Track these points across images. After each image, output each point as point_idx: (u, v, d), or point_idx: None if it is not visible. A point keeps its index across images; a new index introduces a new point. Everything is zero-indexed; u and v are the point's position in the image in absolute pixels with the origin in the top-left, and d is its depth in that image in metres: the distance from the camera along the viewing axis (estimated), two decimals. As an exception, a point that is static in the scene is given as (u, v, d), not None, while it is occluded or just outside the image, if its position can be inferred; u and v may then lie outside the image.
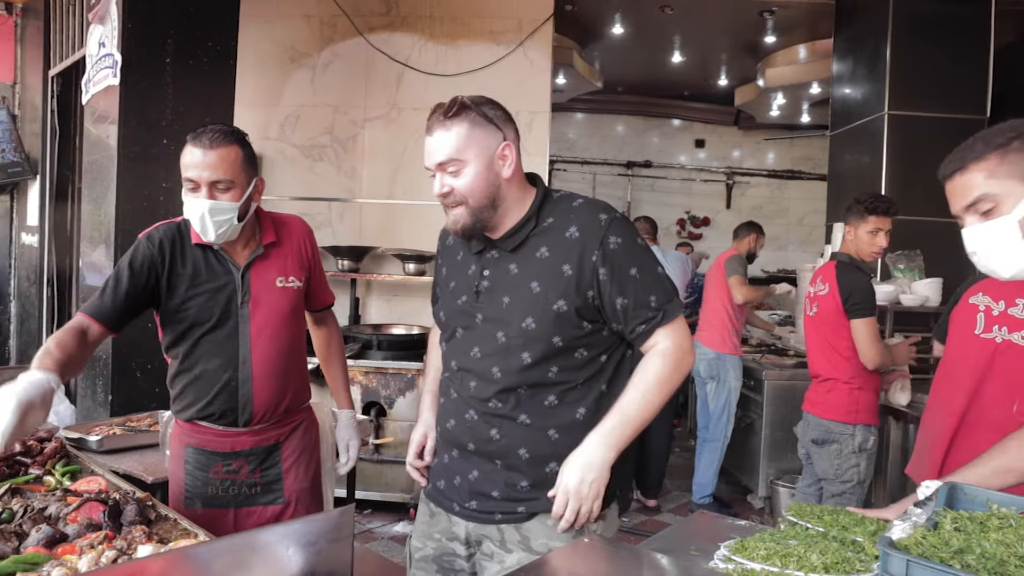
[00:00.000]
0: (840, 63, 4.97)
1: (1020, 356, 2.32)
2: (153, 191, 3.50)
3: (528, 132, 5.01)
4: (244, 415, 1.88)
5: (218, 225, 1.76)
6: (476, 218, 1.47)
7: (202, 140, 1.76)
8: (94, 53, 3.75)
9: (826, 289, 2.99)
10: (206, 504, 1.89)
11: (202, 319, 1.84)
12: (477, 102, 1.47)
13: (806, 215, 8.82)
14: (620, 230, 1.46)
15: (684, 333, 1.51)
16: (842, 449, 2.90)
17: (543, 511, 1.49)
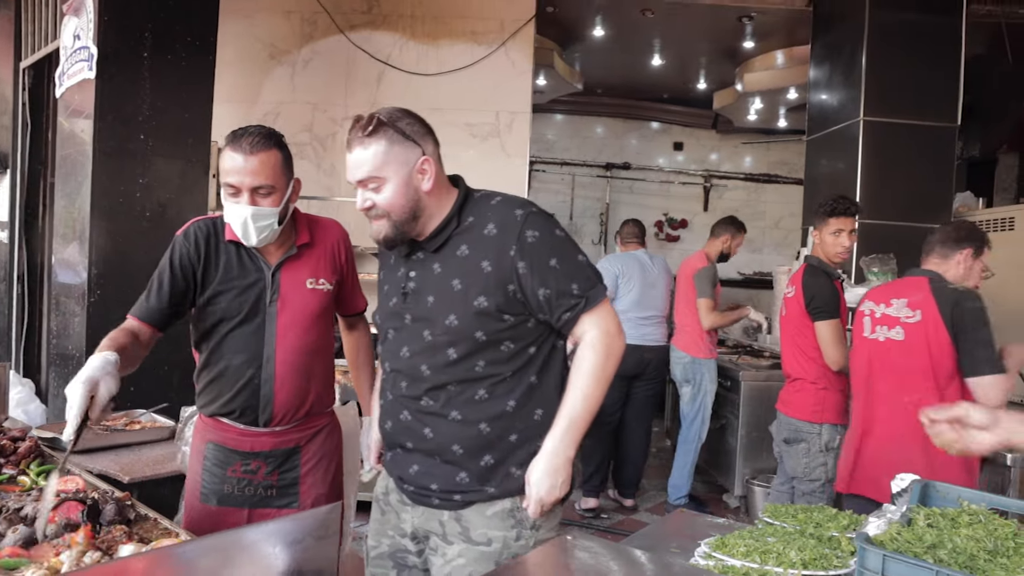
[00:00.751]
0: (817, 69, 5.05)
1: (896, 349, 2.47)
2: (129, 187, 3.45)
3: (508, 133, 5.02)
4: (265, 414, 1.87)
5: (260, 230, 1.79)
6: (398, 230, 1.53)
7: (242, 145, 1.75)
8: (68, 45, 3.68)
9: (793, 292, 3.07)
10: (221, 502, 1.89)
11: (230, 315, 1.86)
12: (394, 118, 1.50)
13: (782, 218, 8.93)
14: (536, 224, 1.51)
15: (610, 318, 1.56)
16: (810, 448, 2.96)
17: (480, 500, 1.55)
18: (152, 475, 2.23)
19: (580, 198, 9.07)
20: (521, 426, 1.55)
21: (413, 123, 1.52)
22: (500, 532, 1.55)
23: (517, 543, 1.56)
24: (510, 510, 1.56)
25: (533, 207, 1.55)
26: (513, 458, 1.56)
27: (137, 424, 2.69)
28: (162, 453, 2.45)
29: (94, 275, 3.38)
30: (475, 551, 1.55)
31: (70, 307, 3.59)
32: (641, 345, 4.38)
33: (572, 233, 8.70)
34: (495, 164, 4.98)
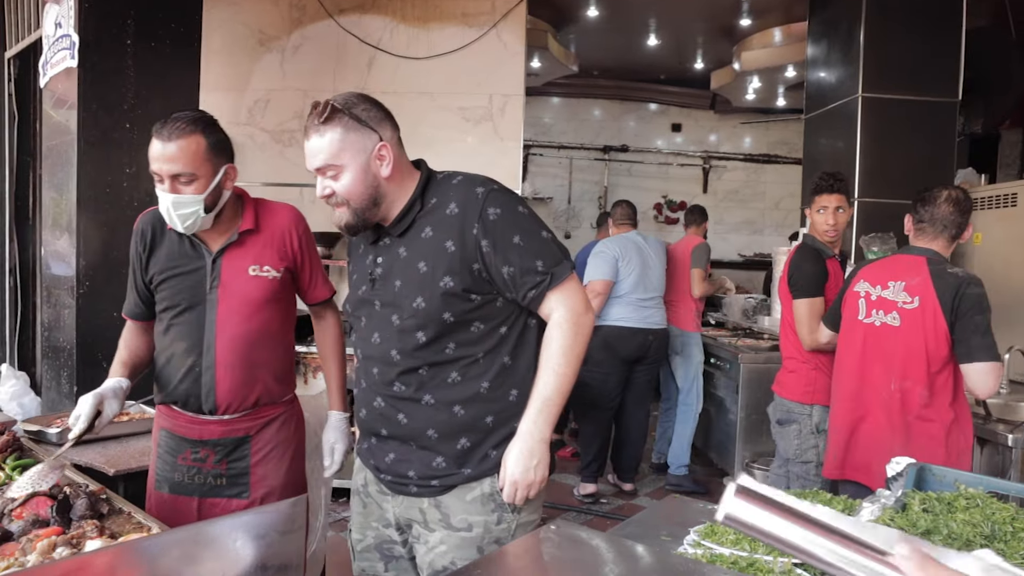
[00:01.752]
0: (814, 46, 4.96)
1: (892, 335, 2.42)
2: (116, 177, 3.41)
3: (501, 116, 4.95)
4: (208, 402, 1.86)
5: (183, 218, 1.77)
6: (359, 217, 1.52)
7: (162, 132, 1.74)
8: (50, 34, 3.62)
9: (783, 271, 3.02)
10: (172, 490, 1.90)
11: (173, 303, 1.87)
12: (349, 104, 1.48)
13: (782, 199, 8.85)
14: (498, 200, 1.50)
15: (576, 295, 1.53)
16: (801, 429, 2.92)
17: (458, 483, 1.53)
18: (137, 467, 2.19)
19: (578, 182, 9.00)
20: (496, 408, 1.53)
21: (370, 108, 1.51)
22: (480, 517, 1.53)
23: (498, 527, 1.54)
24: (489, 494, 1.54)
25: (494, 184, 1.54)
26: (489, 440, 1.54)
27: (125, 416, 2.65)
28: (148, 445, 2.40)
29: (83, 266, 3.34)
30: (456, 537, 1.53)
31: (61, 299, 3.56)
32: (643, 328, 4.36)
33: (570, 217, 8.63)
34: (488, 148, 4.91)
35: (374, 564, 1.66)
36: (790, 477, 3.04)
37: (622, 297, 4.34)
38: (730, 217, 9.00)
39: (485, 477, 1.54)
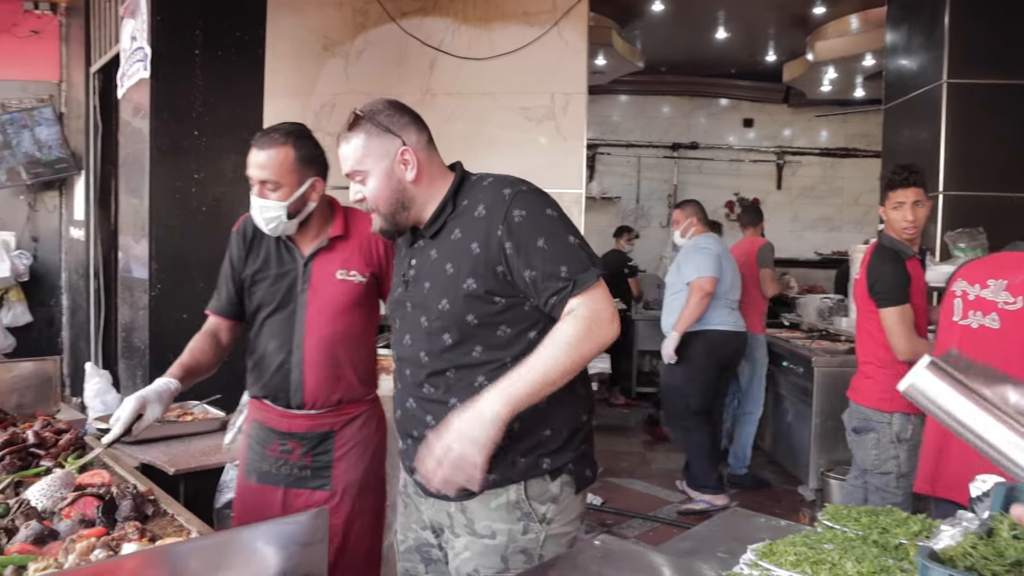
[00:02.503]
0: (894, 32, 4.69)
1: (991, 338, 2.20)
2: (184, 183, 3.51)
3: (564, 115, 4.88)
4: (296, 398, 1.95)
5: (267, 221, 1.90)
6: (390, 221, 1.54)
7: (259, 141, 1.89)
8: (127, 47, 3.77)
9: (859, 273, 2.83)
10: (260, 479, 2.00)
11: (266, 302, 1.98)
12: (373, 111, 1.51)
13: (861, 194, 8.44)
14: (524, 203, 1.45)
15: (602, 301, 1.43)
16: (880, 438, 2.72)
17: (485, 489, 1.48)
18: (197, 466, 2.24)
19: (646, 180, 8.83)
20: (524, 414, 1.45)
21: (393, 114, 1.52)
22: (505, 524, 1.48)
23: (524, 537, 1.49)
24: (515, 502, 1.49)
25: (523, 186, 1.49)
26: (516, 447, 1.48)
27: (189, 415, 2.73)
28: (210, 444, 2.47)
29: (154, 269, 3.46)
30: (480, 544, 1.50)
31: (136, 301, 3.70)
32: (740, 331, 4.23)
33: (639, 216, 8.44)
34: (551, 147, 4.85)
35: (416, 565, 1.66)
36: (868, 489, 2.85)
37: (720, 299, 4.13)
38: (805, 214, 8.66)
39: (511, 484, 1.49)
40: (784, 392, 4.64)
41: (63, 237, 5.37)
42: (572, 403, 1.54)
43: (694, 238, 4.30)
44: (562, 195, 4.74)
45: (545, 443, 1.49)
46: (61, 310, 5.41)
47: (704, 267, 4.09)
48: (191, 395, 2.95)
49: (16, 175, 5.06)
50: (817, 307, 5.17)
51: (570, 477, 1.53)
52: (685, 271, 4.17)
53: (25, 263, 5.21)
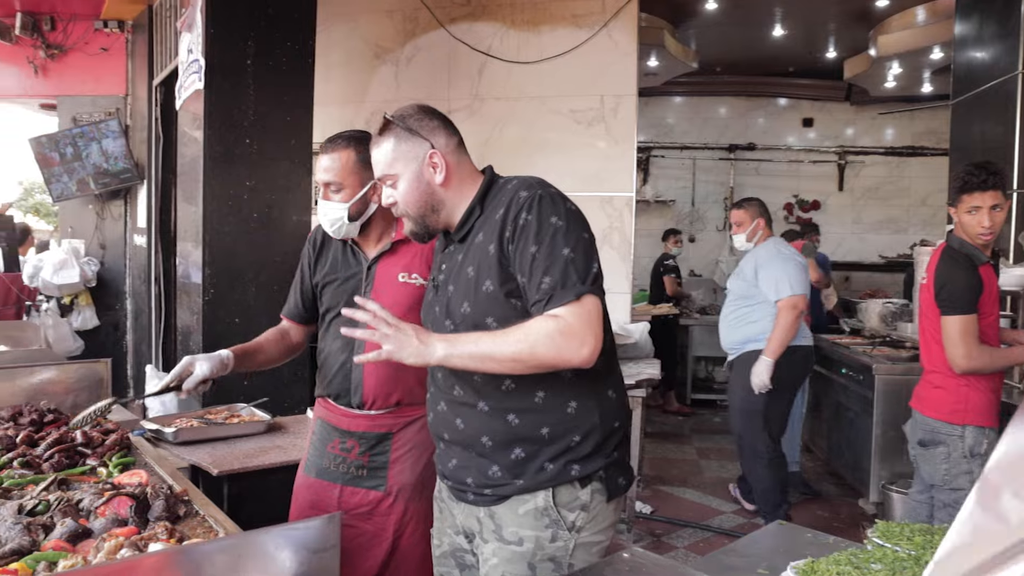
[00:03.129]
0: (964, 22, 4.47)
1: None
2: (238, 190, 3.60)
3: (614, 117, 4.81)
4: (356, 397, 2.01)
5: (330, 223, 1.96)
6: (420, 224, 1.55)
7: (324, 145, 1.96)
8: (184, 60, 3.90)
9: (926, 277, 2.68)
10: (318, 475, 2.06)
11: (332, 304, 2.06)
12: (402, 115, 1.53)
13: (930, 195, 8.08)
14: (534, 207, 1.43)
15: (580, 318, 1.36)
16: (950, 452, 2.56)
17: (513, 495, 1.47)
18: (240, 468, 2.27)
19: (702, 183, 8.66)
20: (552, 419, 1.46)
21: (422, 118, 1.53)
22: (532, 532, 1.46)
23: (552, 544, 1.46)
24: (543, 508, 1.46)
25: (540, 190, 1.45)
26: (544, 452, 1.46)
27: (236, 418, 2.77)
28: (255, 447, 2.49)
29: (208, 275, 3.55)
30: (507, 551, 1.48)
31: (191, 306, 3.81)
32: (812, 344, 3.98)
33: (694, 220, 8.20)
34: (601, 150, 4.79)
35: (451, 571, 1.65)
36: (935, 505, 2.69)
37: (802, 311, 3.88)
38: (869, 216, 8.34)
39: (540, 490, 1.46)
40: (844, 401, 4.46)
41: (128, 244, 5.59)
42: (603, 408, 1.51)
43: (768, 242, 3.91)
44: (612, 198, 4.68)
45: (574, 449, 1.47)
46: (126, 314, 5.63)
47: (796, 282, 3.73)
48: (240, 397, 3.03)
49: (86, 186, 5.30)
50: (880, 312, 4.95)
51: (601, 485, 1.49)
52: (766, 283, 3.77)
53: (93, 269, 5.44)
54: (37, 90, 5.65)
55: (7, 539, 1.22)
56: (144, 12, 5.21)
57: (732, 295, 4.01)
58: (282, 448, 2.48)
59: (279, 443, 2.54)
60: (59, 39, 5.50)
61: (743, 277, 3.94)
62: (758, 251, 3.91)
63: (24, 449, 1.76)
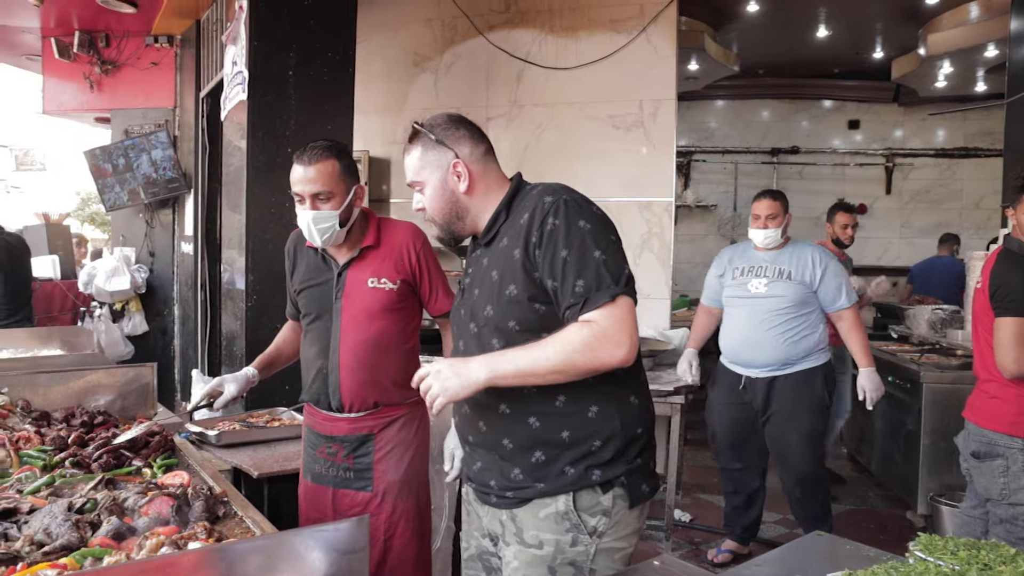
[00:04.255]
0: (1021, 18, 4.32)
1: None
2: (279, 198, 3.68)
3: (653, 122, 4.78)
4: (334, 400, 2.07)
5: (322, 232, 2.00)
6: (446, 230, 1.60)
7: (303, 158, 2.00)
8: (229, 72, 4.01)
9: (981, 281, 2.58)
10: (314, 479, 2.14)
11: (309, 311, 2.13)
12: (429, 125, 1.57)
13: (983, 197, 7.83)
14: (561, 211, 1.44)
15: (613, 321, 1.38)
16: (1009, 466, 2.45)
17: (534, 498, 1.48)
18: (279, 471, 2.31)
19: (744, 187, 8.53)
20: (573, 423, 1.47)
21: (448, 128, 1.57)
22: (552, 535, 1.47)
23: (573, 548, 1.46)
24: (564, 512, 1.47)
25: (565, 195, 1.48)
26: (565, 456, 1.47)
27: (277, 421, 2.82)
28: (295, 450, 2.53)
29: (251, 281, 3.63)
30: (527, 554, 1.49)
31: (235, 312, 3.91)
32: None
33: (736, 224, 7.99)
34: (640, 155, 4.76)
35: (478, 573, 1.67)
36: (991, 520, 2.58)
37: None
38: (918, 220, 8.11)
39: (560, 494, 1.47)
40: (890, 410, 4.34)
41: (175, 251, 5.76)
42: (624, 414, 1.51)
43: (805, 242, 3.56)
44: (652, 204, 4.64)
45: (595, 454, 1.47)
46: (173, 320, 5.79)
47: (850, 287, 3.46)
48: (282, 402, 3.09)
49: (136, 195, 5.48)
50: (928, 319, 4.81)
51: (623, 491, 1.49)
52: (832, 289, 3.34)
53: (143, 276, 5.62)
54: (92, 104, 5.87)
55: (58, 535, 1.27)
56: (192, 27, 5.38)
57: (777, 302, 3.33)
58: (321, 451, 2.52)
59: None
60: (113, 55, 5.71)
61: (800, 280, 3.33)
62: (812, 252, 3.41)
63: (75, 450, 1.83)
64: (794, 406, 3.35)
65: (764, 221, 3.44)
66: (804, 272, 3.35)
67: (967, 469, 2.71)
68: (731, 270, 3.51)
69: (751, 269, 3.44)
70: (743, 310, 3.42)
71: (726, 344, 3.52)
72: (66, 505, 1.40)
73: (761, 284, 3.38)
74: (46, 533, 1.29)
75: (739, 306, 3.44)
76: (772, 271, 3.39)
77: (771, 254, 3.44)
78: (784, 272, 3.37)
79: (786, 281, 3.36)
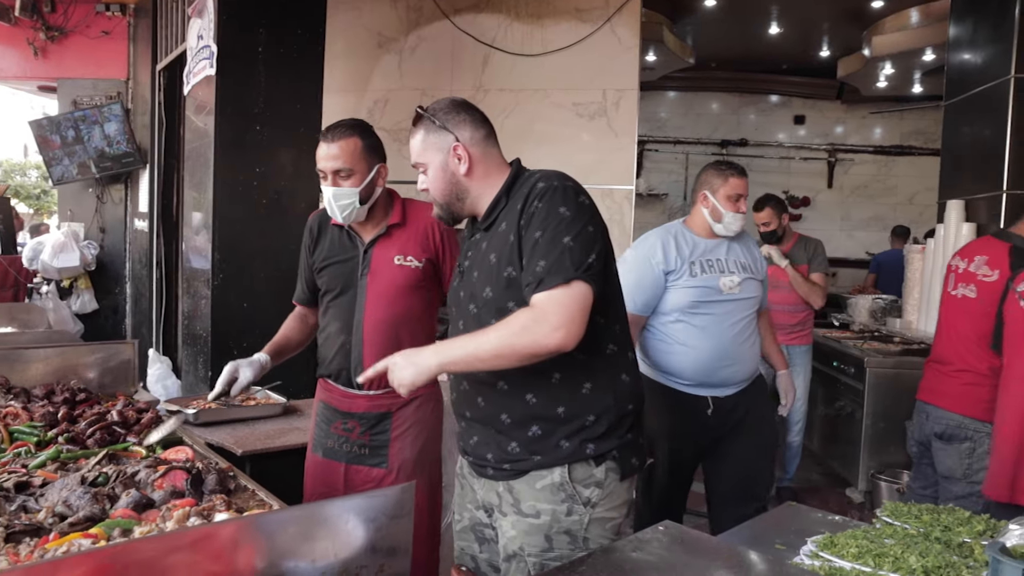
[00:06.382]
0: (959, 25, 4.58)
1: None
2: (247, 177, 3.63)
3: (615, 111, 4.89)
4: (356, 376, 2.03)
5: (342, 208, 2.02)
6: (447, 211, 1.66)
7: (327, 135, 2.03)
8: (193, 46, 3.92)
9: (995, 276, 2.64)
10: (325, 454, 2.15)
11: (331, 287, 2.14)
12: (433, 109, 1.63)
13: (916, 193, 8.25)
14: (546, 196, 1.51)
15: (558, 305, 1.44)
16: (975, 448, 2.62)
17: (530, 470, 1.56)
18: (263, 448, 2.33)
19: (694, 177, 8.74)
20: (568, 399, 1.55)
21: (449, 112, 1.62)
22: (549, 505, 1.55)
23: (568, 518, 1.55)
24: (560, 483, 1.55)
25: (556, 181, 1.54)
26: (560, 430, 1.56)
27: (252, 400, 2.82)
28: (274, 428, 2.55)
29: (217, 260, 3.59)
30: (524, 523, 1.57)
31: (198, 290, 3.85)
32: None
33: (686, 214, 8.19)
34: (603, 144, 4.86)
35: (471, 544, 1.73)
36: (942, 498, 2.72)
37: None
38: (857, 213, 8.50)
39: (556, 466, 1.55)
40: (834, 393, 4.59)
41: (128, 228, 5.60)
42: (617, 391, 1.60)
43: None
44: (613, 191, 4.76)
45: (589, 428, 1.55)
46: (125, 298, 5.64)
47: None
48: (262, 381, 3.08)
49: (87, 169, 5.29)
50: (870, 308, 5.09)
51: (615, 464, 1.58)
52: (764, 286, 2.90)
53: (93, 253, 5.45)
54: (36, 72, 5.62)
55: (78, 507, 1.28)
56: (148, -4, 5.21)
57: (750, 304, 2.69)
58: (300, 430, 2.53)
59: (296, 425, 2.60)
60: (59, 21, 5.48)
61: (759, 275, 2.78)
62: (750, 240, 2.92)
63: (67, 426, 1.81)
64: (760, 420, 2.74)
65: (741, 202, 2.67)
66: (758, 264, 2.78)
67: (918, 452, 2.88)
68: (684, 265, 2.63)
69: (711, 264, 2.66)
70: (711, 317, 2.59)
71: (690, 363, 2.58)
72: (79, 479, 1.41)
73: (733, 282, 2.63)
74: (66, 505, 1.30)
75: (707, 312, 2.59)
76: (733, 264, 2.68)
77: (723, 244, 2.70)
78: (745, 266, 2.71)
79: (750, 277, 2.71)
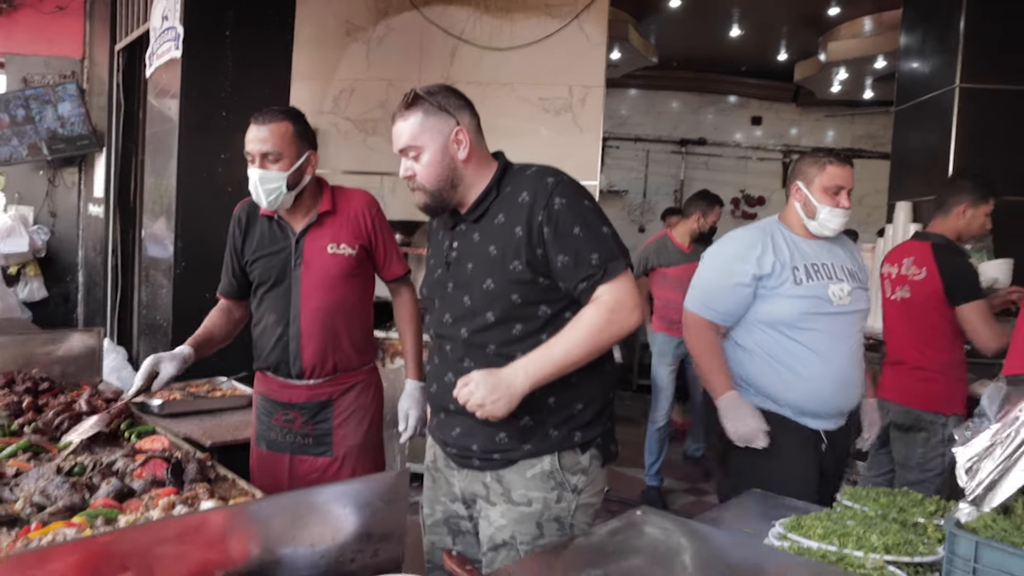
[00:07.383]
0: (909, 34, 4.75)
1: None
2: (212, 163, 3.57)
3: (581, 107, 4.94)
4: (295, 368, 2.07)
5: (268, 193, 1.98)
6: (435, 198, 1.61)
7: (259, 117, 2.01)
8: (157, 27, 3.83)
9: (923, 273, 2.79)
10: (269, 447, 2.14)
11: (264, 279, 2.11)
12: (431, 92, 1.60)
13: (866, 195, 8.47)
14: (565, 191, 1.55)
15: (627, 290, 1.54)
16: (930, 438, 2.77)
17: (520, 459, 1.59)
18: (231, 440, 2.32)
19: (654, 175, 8.88)
20: (558, 390, 1.58)
21: (449, 96, 1.61)
22: (540, 493, 1.58)
23: (558, 505, 1.59)
24: (550, 471, 1.59)
25: (564, 176, 1.59)
26: (551, 419, 1.59)
27: (219, 392, 2.80)
28: (241, 419, 2.54)
29: (179, 248, 3.52)
30: (516, 511, 1.59)
31: (158, 279, 3.77)
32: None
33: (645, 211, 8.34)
34: (568, 139, 4.91)
35: (443, 538, 1.73)
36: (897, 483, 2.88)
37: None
38: (811, 213, 8.72)
39: (546, 454, 1.58)
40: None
41: (81, 214, 5.43)
42: (601, 381, 1.64)
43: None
44: (576, 187, 4.81)
45: (577, 417, 1.60)
46: (77, 286, 5.47)
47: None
48: (219, 372, 3.04)
49: (37, 150, 5.11)
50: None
51: (598, 451, 1.63)
52: None
53: (43, 238, 5.27)
54: (-18, 46, 5.41)
55: (56, 497, 1.26)
56: (106, -27, 5.05)
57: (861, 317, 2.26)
58: (269, 420, 2.52)
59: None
60: (9, -6, 5.27)
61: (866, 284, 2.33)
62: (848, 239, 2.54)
63: (32, 415, 1.78)
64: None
65: (843, 196, 2.18)
66: (865, 272, 2.32)
67: (876, 442, 3.00)
68: (786, 269, 2.15)
69: (817, 269, 2.17)
70: (821, 334, 2.14)
71: (806, 390, 2.16)
72: (54, 468, 1.39)
73: (843, 291, 2.16)
74: (44, 495, 1.28)
75: (815, 327, 2.14)
76: (841, 271, 2.20)
77: (827, 246, 2.23)
78: (853, 273, 2.23)
79: (859, 287, 2.23)
